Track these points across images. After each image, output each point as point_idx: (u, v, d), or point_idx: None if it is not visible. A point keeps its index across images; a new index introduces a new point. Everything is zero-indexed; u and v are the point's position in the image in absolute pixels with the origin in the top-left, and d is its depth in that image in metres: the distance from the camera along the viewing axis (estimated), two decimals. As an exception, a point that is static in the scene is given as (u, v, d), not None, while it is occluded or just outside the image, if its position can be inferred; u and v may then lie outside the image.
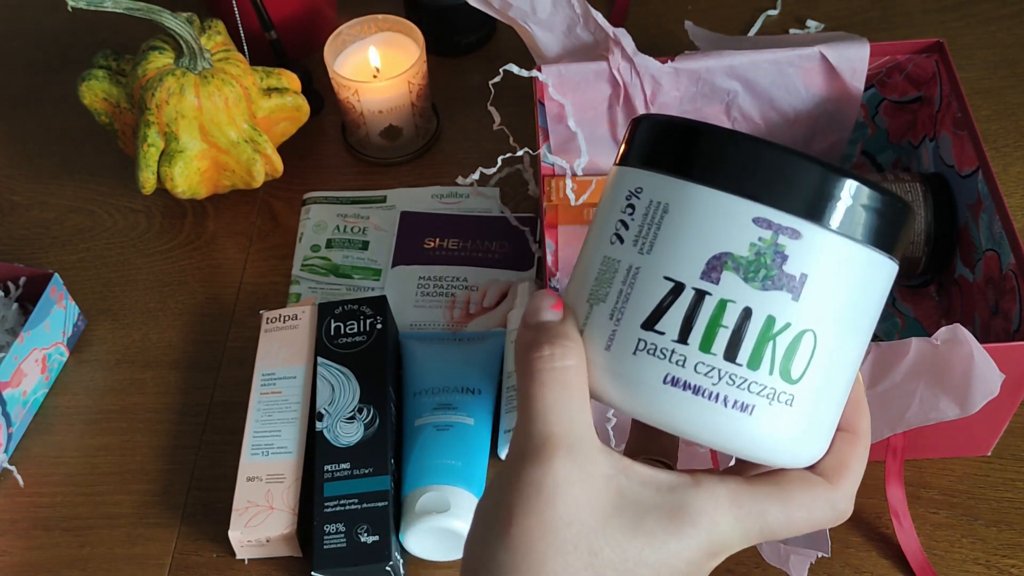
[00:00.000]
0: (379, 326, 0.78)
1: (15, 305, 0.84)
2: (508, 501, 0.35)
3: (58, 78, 1.08)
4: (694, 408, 0.34)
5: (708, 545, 0.36)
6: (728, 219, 0.34)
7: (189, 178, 0.87)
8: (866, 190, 0.34)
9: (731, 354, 0.34)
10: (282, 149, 0.94)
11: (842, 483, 0.38)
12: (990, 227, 0.72)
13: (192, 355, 0.85)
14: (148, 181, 0.86)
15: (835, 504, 0.38)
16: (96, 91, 0.87)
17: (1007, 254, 0.70)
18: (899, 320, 0.81)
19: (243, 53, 0.93)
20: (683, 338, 0.34)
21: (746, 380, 0.34)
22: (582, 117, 0.85)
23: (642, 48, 0.83)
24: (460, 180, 0.90)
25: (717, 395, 0.34)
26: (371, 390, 0.75)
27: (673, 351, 0.34)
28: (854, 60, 0.82)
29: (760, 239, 0.34)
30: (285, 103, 0.90)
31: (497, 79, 0.83)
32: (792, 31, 1.05)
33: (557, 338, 0.36)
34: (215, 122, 0.85)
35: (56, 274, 0.82)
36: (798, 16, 1.06)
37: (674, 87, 0.84)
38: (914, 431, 0.64)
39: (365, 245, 0.90)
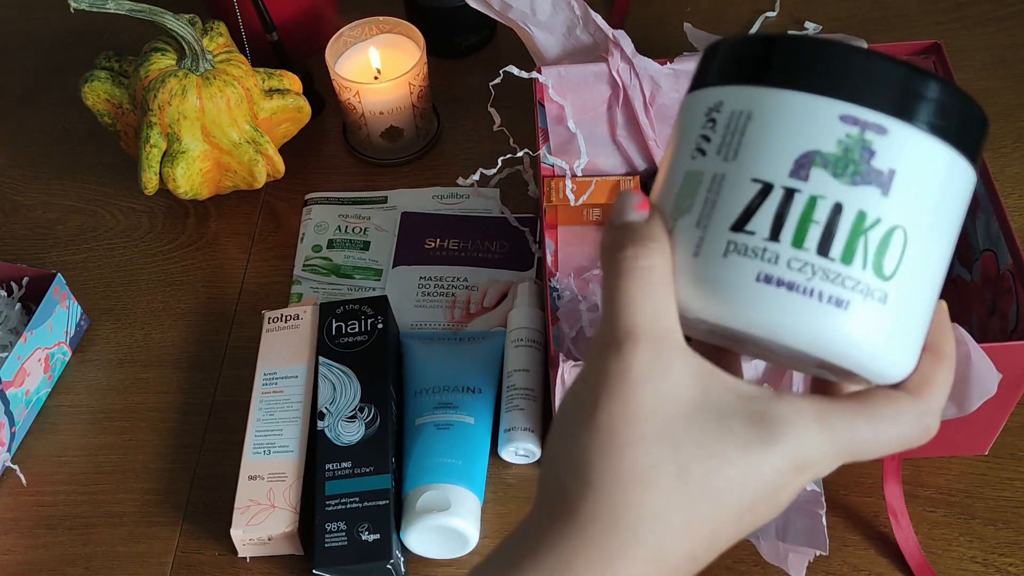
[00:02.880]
0: (380, 326, 0.78)
1: (18, 305, 0.84)
2: (593, 390, 0.35)
3: (60, 79, 1.08)
4: (789, 305, 0.34)
5: (795, 457, 0.35)
6: (814, 118, 0.34)
7: (191, 179, 0.87)
8: (949, 90, 0.35)
9: (824, 249, 0.34)
10: (283, 150, 0.94)
11: (927, 398, 0.37)
12: (987, 227, 0.72)
13: (194, 355, 0.85)
14: (150, 182, 0.87)
15: (921, 417, 0.37)
16: (99, 92, 0.88)
17: (1004, 254, 0.70)
18: (897, 320, 0.81)
19: (245, 54, 0.94)
20: (775, 236, 0.34)
21: (840, 275, 0.34)
22: (582, 118, 0.86)
23: (641, 50, 0.83)
24: (460, 181, 0.90)
25: (812, 290, 0.34)
26: (372, 389, 0.75)
27: (765, 249, 0.34)
28: (852, 61, 0.82)
29: (848, 135, 0.34)
30: (287, 104, 0.90)
31: (497, 80, 0.83)
32: (791, 33, 1.05)
33: (641, 238, 0.35)
34: (217, 123, 0.86)
35: (59, 274, 0.82)
36: (797, 18, 1.06)
37: (673, 88, 0.84)
38: (912, 430, 0.64)
39: (366, 245, 0.91)
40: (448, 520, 0.69)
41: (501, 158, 0.89)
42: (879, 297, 0.34)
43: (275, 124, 0.91)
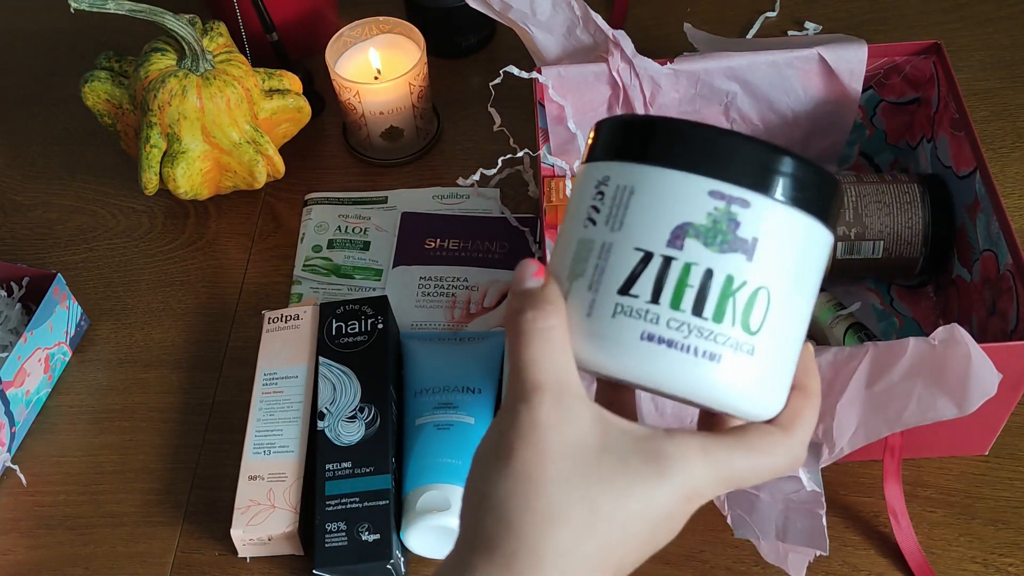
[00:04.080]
0: (380, 326, 0.78)
1: (18, 305, 0.84)
2: (507, 437, 0.39)
3: (61, 79, 1.08)
4: (668, 360, 0.39)
5: (685, 489, 0.39)
6: (687, 193, 0.39)
7: (191, 179, 0.87)
8: (804, 165, 0.39)
9: (698, 309, 0.39)
10: (284, 150, 0.94)
11: (796, 431, 0.41)
12: (987, 227, 0.73)
13: (194, 355, 0.85)
14: (150, 182, 0.87)
15: (790, 449, 0.41)
16: (99, 92, 0.88)
17: (1004, 254, 0.70)
18: (897, 320, 0.81)
19: (245, 55, 0.94)
20: (655, 298, 0.39)
21: (712, 332, 0.39)
22: (582, 118, 0.86)
23: (641, 50, 0.83)
24: (460, 181, 0.90)
25: (688, 347, 0.39)
26: (372, 389, 0.75)
27: (647, 311, 0.39)
28: (852, 61, 0.82)
29: (716, 209, 0.39)
30: (287, 104, 0.90)
31: (497, 81, 0.83)
32: (790, 33, 1.05)
33: (540, 302, 0.40)
34: (217, 123, 0.86)
35: (59, 274, 0.83)
36: (796, 18, 1.06)
37: (673, 88, 0.84)
38: (912, 430, 0.64)
39: (366, 245, 0.91)
40: (448, 520, 0.69)
41: (501, 158, 0.89)
42: (747, 350, 0.39)
43: (275, 124, 0.91)
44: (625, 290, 0.39)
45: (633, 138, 0.40)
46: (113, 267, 0.92)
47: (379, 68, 0.95)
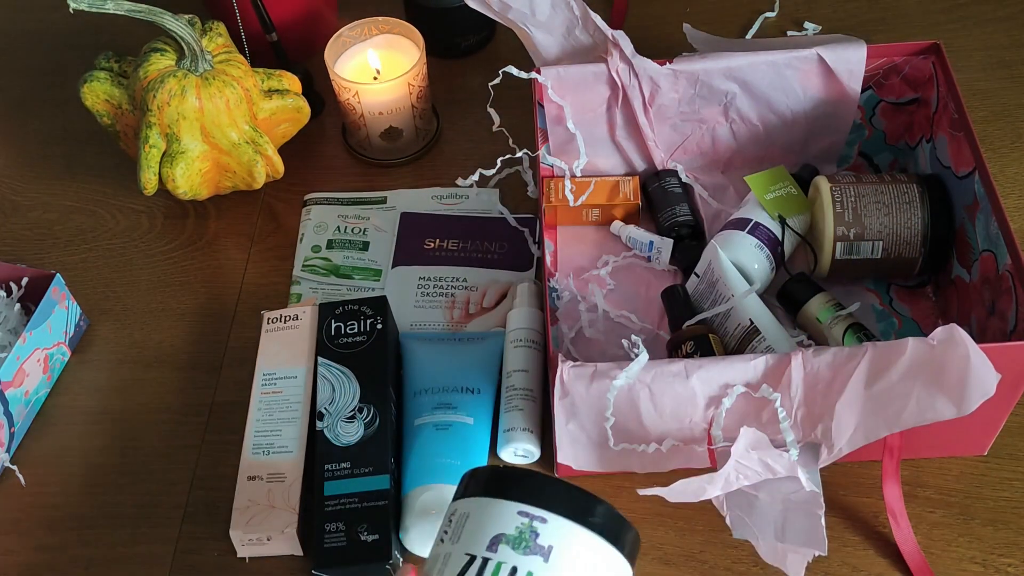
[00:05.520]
0: (379, 326, 0.78)
1: (17, 305, 0.84)
2: None
3: (60, 80, 1.08)
4: None
5: None
6: (503, 513, 0.54)
7: (191, 179, 0.87)
8: (595, 503, 0.54)
9: None
10: (283, 150, 0.94)
11: None
12: (987, 228, 0.73)
13: (193, 355, 0.85)
14: (150, 182, 0.87)
15: None
16: (98, 93, 0.88)
17: (1003, 255, 0.70)
18: (896, 320, 0.81)
19: (244, 55, 0.94)
20: None
21: None
22: (581, 118, 0.86)
23: (641, 50, 0.83)
24: (460, 181, 0.90)
25: None
26: (371, 390, 0.75)
27: None
28: (851, 62, 0.82)
29: (521, 523, 0.53)
30: (286, 105, 0.90)
31: (496, 81, 0.83)
32: (790, 33, 1.05)
33: None
34: (216, 123, 0.86)
35: (58, 274, 0.83)
36: (796, 18, 1.06)
37: (672, 89, 0.84)
38: (911, 430, 0.64)
39: (365, 246, 0.91)
40: (447, 521, 0.69)
41: (500, 158, 0.89)
42: None
43: (274, 124, 0.91)
44: None
45: (472, 481, 0.56)
46: (112, 267, 0.92)
47: (378, 68, 0.95)
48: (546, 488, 0.54)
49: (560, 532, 0.53)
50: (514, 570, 0.52)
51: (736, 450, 0.63)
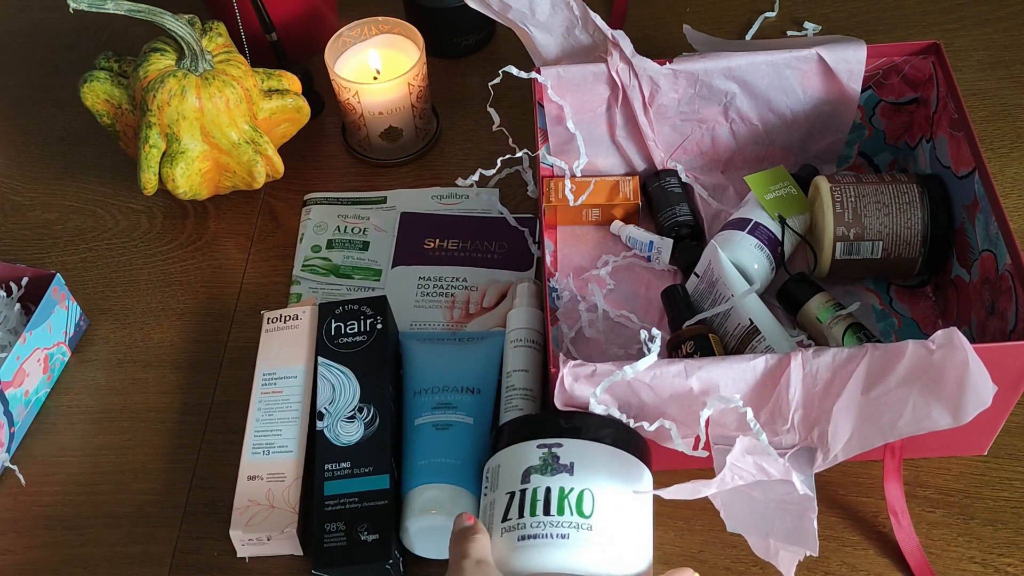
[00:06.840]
0: (379, 326, 0.78)
1: (17, 305, 0.84)
2: None
3: (60, 80, 1.08)
4: (538, 548, 0.60)
5: None
6: (526, 452, 0.64)
7: (190, 179, 0.87)
8: (598, 420, 0.65)
9: (547, 511, 0.61)
10: (283, 150, 0.94)
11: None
12: (986, 228, 0.73)
13: (193, 355, 0.85)
14: (150, 182, 0.87)
15: None
16: (98, 92, 0.88)
17: (1003, 255, 0.70)
18: (896, 320, 0.81)
19: (244, 55, 0.94)
20: (521, 514, 0.62)
21: (559, 522, 0.61)
22: (581, 118, 0.86)
23: (640, 50, 0.83)
24: (460, 181, 0.90)
25: (547, 535, 0.61)
26: (371, 389, 0.75)
27: (519, 524, 0.62)
28: (851, 62, 0.82)
29: (543, 453, 0.63)
30: (286, 104, 0.90)
31: (496, 81, 0.83)
32: (790, 33, 1.05)
33: (472, 532, 0.61)
34: (216, 123, 0.86)
35: (58, 274, 0.83)
36: (795, 18, 1.06)
37: (672, 88, 0.84)
38: (911, 430, 0.64)
39: (365, 246, 0.91)
40: (447, 520, 0.69)
41: (500, 158, 0.89)
42: (586, 528, 0.61)
43: (274, 124, 0.91)
44: (506, 517, 0.62)
45: (496, 441, 0.67)
46: (112, 267, 0.92)
47: (378, 68, 0.95)
48: (554, 421, 0.65)
49: (576, 450, 0.63)
50: (548, 490, 0.62)
51: (732, 455, 0.63)
